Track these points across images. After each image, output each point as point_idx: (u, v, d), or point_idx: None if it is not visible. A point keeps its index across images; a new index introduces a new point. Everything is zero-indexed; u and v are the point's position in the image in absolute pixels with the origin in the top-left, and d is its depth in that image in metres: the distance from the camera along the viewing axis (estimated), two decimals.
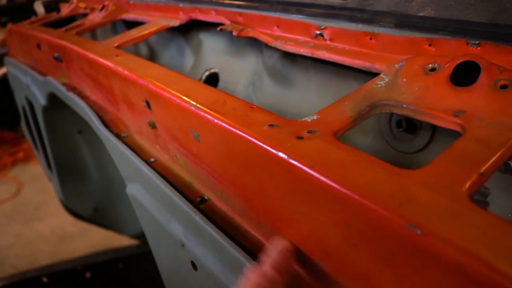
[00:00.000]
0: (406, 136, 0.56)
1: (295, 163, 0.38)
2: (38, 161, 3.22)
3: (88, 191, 1.47)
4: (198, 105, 0.51)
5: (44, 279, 1.65)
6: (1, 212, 2.86)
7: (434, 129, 0.54)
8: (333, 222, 0.37)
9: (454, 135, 0.51)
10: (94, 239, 2.51)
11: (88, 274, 1.72)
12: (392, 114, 0.58)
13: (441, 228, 0.30)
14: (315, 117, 0.45)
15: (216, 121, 0.47)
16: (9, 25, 1.52)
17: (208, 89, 0.56)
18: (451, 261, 0.28)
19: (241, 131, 0.44)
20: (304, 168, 0.37)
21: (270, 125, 0.44)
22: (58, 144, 1.34)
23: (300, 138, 0.41)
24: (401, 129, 0.56)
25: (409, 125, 0.55)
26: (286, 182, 0.41)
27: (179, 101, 0.54)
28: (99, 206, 1.50)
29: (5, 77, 3.18)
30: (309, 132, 0.42)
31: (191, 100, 0.52)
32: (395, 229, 0.32)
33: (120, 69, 0.69)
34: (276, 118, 0.46)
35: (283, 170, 0.40)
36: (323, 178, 0.36)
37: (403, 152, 0.57)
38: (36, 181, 3.17)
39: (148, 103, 0.63)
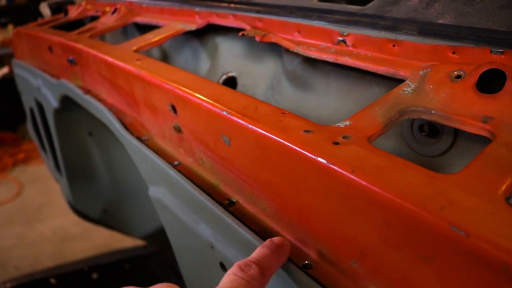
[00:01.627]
0: (428, 140, 0.58)
1: (335, 168, 0.40)
2: (39, 162, 3.22)
3: (97, 193, 1.48)
4: (230, 111, 0.52)
5: (52, 280, 1.65)
6: (3, 213, 2.86)
7: (456, 134, 0.55)
8: (372, 224, 0.39)
9: (476, 140, 0.53)
10: (96, 240, 2.52)
11: (95, 275, 1.73)
12: (414, 118, 0.60)
13: (483, 229, 0.31)
14: (347, 122, 0.47)
15: (250, 126, 0.49)
16: (16, 28, 1.53)
17: (237, 94, 0.58)
18: (496, 261, 0.30)
19: (277, 137, 0.45)
20: (345, 173, 0.39)
21: (306, 131, 0.45)
22: (68, 146, 1.34)
23: (336, 143, 0.43)
24: (423, 133, 0.58)
25: (431, 130, 0.57)
26: (324, 186, 0.42)
27: (209, 106, 0.55)
28: (108, 207, 1.51)
29: (5, 78, 3.17)
30: (344, 137, 0.44)
31: (222, 106, 0.54)
32: (438, 231, 0.33)
33: (143, 73, 0.71)
34: (309, 124, 0.47)
35: (321, 175, 0.42)
36: (364, 183, 0.38)
37: (425, 155, 0.59)
38: (37, 182, 3.17)
39: (174, 108, 0.65)
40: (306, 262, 0.48)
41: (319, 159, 0.41)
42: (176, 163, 0.69)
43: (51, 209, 2.87)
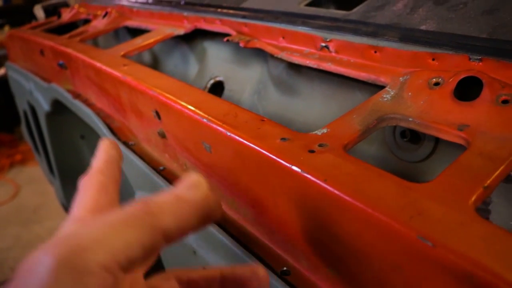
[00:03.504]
0: (410, 146, 0.58)
1: (309, 176, 0.40)
2: (36, 163, 3.22)
3: None
4: (210, 118, 0.52)
5: None
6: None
7: (437, 139, 0.56)
8: (344, 233, 0.39)
9: (456, 145, 0.53)
10: None
11: None
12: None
13: (451, 240, 0.32)
14: (325, 130, 0.47)
15: (229, 134, 0.49)
16: (12, 29, 1.53)
17: (219, 101, 0.58)
18: (461, 271, 0.30)
19: (254, 144, 0.46)
20: (317, 181, 0.39)
21: (282, 139, 0.46)
22: (61, 148, 1.35)
23: (311, 151, 0.43)
24: (405, 139, 0.58)
25: (413, 136, 0.57)
26: (299, 194, 0.42)
27: (190, 113, 0.56)
28: None
29: (1, 80, 3.17)
30: (320, 145, 0.44)
31: (203, 113, 0.54)
32: (406, 241, 0.34)
33: (129, 79, 0.71)
34: (287, 131, 0.48)
35: (296, 183, 0.42)
36: (336, 192, 0.38)
37: (407, 161, 0.60)
38: (34, 183, 3.17)
39: (158, 114, 0.65)
40: (285, 268, 0.48)
41: (294, 167, 0.41)
42: (161, 168, 0.69)
43: (47, 211, 2.86)
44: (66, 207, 1.55)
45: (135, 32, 1.15)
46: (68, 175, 1.43)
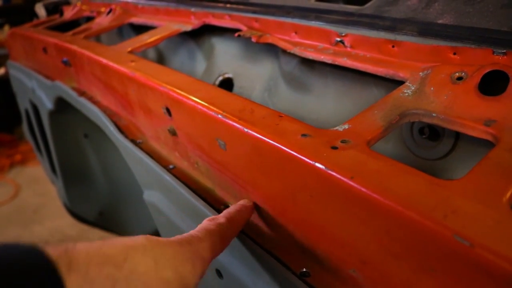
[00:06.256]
0: (429, 143, 0.57)
1: (334, 173, 0.38)
2: (36, 163, 3.20)
3: (94, 195, 1.46)
4: (225, 114, 0.51)
5: None
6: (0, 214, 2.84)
7: (457, 136, 0.54)
8: (372, 232, 0.37)
9: (478, 143, 0.52)
10: None
11: None
12: (414, 121, 0.58)
13: (489, 239, 0.30)
14: (346, 126, 0.46)
15: (246, 130, 0.47)
16: (11, 28, 1.51)
17: (232, 96, 0.57)
18: (503, 273, 0.29)
19: (274, 141, 0.44)
20: (343, 179, 0.38)
21: (303, 135, 0.44)
22: (64, 148, 1.33)
23: (334, 148, 0.42)
24: (423, 136, 0.57)
25: (431, 133, 0.56)
26: (322, 193, 0.41)
27: (204, 109, 0.54)
28: (104, 210, 1.49)
29: (1, 79, 3.14)
30: (342, 141, 0.43)
31: (217, 108, 0.52)
32: (441, 241, 0.32)
33: (137, 75, 0.69)
34: (306, 127, 0.46)
35: (319, 181, 0.40)
36: (364, 189, 0.36)
37: (425, 158, 0.58)
38: (34, 183, 3.14)
39: (168, 110, 0.63)
40: (304, 270, 0.46)
41: (317, 164, 0.40)
42: (171, 166, 0.68)
43: (48, 211, 2.84)
44: (69, 207, 1.53)
45: (140, 30, 1.14)
46: (71, 175, 1.41)
